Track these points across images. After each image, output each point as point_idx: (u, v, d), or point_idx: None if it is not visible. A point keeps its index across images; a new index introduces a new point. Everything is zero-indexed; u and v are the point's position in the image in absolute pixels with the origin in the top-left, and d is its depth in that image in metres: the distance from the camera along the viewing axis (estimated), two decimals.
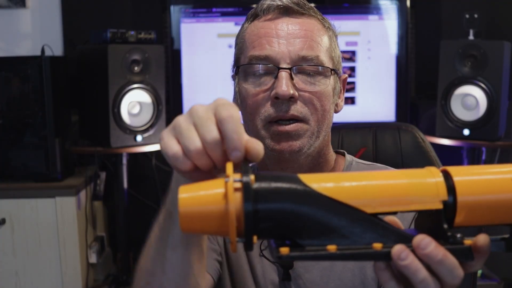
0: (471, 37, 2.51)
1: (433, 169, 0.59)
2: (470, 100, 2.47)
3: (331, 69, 0.94)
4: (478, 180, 0.59)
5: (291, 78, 0.91)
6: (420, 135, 1.30)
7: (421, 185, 0.58)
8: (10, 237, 2.37)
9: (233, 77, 1.01)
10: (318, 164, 0.98)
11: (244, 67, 0.95)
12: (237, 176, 0.55)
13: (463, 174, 0.59)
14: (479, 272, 2.38)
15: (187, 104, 2.67)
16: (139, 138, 2.48)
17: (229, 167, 0.57)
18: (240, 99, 0.96)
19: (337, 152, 1.06)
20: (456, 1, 2.82)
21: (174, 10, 2.64)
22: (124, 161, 2.56)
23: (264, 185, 0.56)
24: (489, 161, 2.72)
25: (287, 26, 0.93)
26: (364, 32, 2.66)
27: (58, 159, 2.39)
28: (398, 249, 0.54)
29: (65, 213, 2.38)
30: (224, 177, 0.56)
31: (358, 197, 0.57)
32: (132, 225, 2.63)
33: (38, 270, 2.40)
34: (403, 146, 1.29)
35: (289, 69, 0.91)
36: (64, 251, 2.40)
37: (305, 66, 0.92)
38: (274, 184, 0.56)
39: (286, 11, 0.95)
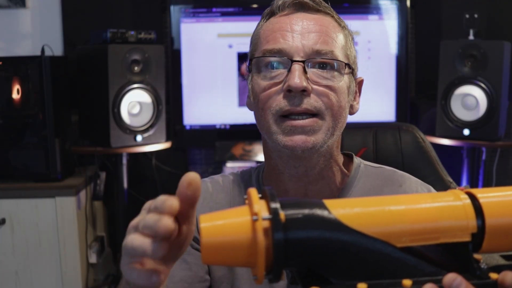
0: (471, 37, 2.51)
1: (457, 191, 0.58)
2: (470, 100, 2.47)
3: (346, 64, 0.92)
4: (506, 201, 0.57)
5: (304, 72, 0.89)
6: (421, 135, 1.30)
7: (449, 208, 0.56)
8: (10, 237, 2.37)
9: (247, 75, 0.99)
10: (328, 165, 0.97)
11: (257, 60, 0.94)
12: (263, 204, 0.52)
13: (487, 196, 0.57)
14: None
15: (187, 104, 2.67)
16: (139, 138, 2.48)
17: (254, 193, 0.53)
18: (252, 95, 0.95)
19: (344, 154, 1.04)
20: (456, 1, 2.81)
21: (174, 10, 2.64)
22: (124, 161, 2.56)
23: (292, 212, 0.52)
24: (489, 161, 2.73)
25: (302, 21, 0.92)
26: (364, 32, 2.66)
27: (58, 159, 2.39)
28: None
29: (65, 213, 2.38)
30: (247, 204, 0.52)
31: (389, 223, 0.55)
32: None
33: (38, 270, 2.39)
34: (404, 146, 1.29)
35: (303, 62, 0.89)
36: (64, 251, 2.39)
37: (319, 60, 0.90)
38: (302, 211, 0.52)
39: (301, 7, 0.94)
